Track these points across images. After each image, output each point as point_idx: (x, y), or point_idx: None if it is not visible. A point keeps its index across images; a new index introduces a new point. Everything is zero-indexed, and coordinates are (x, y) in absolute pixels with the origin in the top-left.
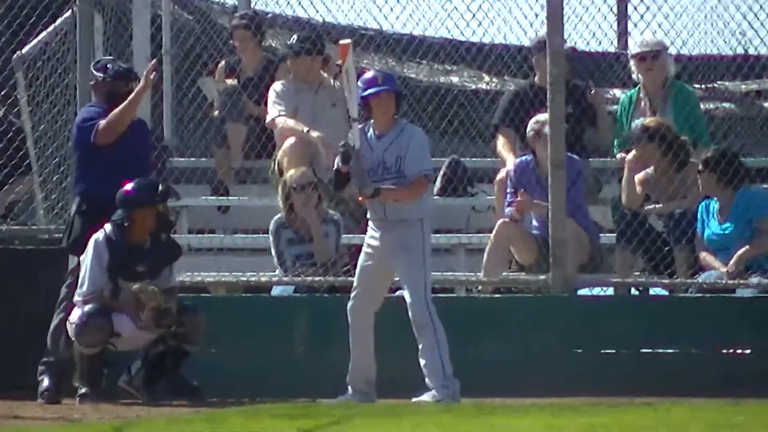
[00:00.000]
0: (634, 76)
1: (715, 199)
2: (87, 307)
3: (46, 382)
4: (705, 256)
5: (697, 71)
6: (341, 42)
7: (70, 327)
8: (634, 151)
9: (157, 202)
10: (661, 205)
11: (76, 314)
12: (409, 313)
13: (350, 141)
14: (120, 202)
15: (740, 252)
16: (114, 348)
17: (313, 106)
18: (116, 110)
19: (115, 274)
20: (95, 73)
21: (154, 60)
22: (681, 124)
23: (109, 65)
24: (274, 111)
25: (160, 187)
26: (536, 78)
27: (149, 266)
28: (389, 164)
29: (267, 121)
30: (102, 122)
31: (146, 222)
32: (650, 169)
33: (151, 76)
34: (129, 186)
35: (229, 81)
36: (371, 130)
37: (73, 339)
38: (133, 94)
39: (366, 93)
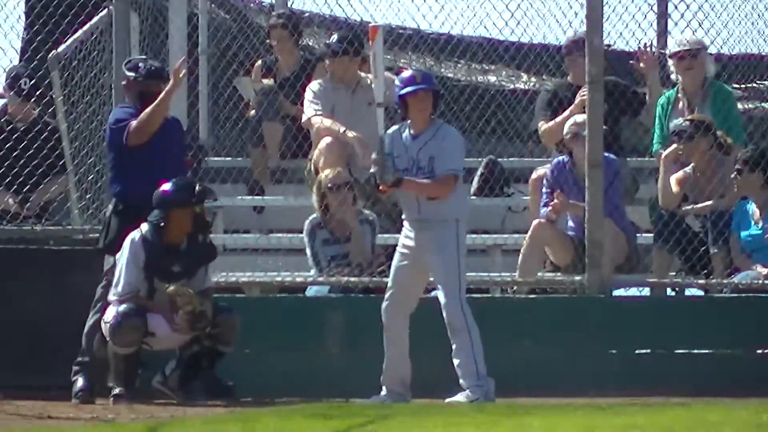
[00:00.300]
0: (672, 76)
1: (752, 200)
2: (122, 307)
3: (80, 382)
4: (740, 257)
5: (736, 71)
6: (371, 24)
7: (105, 327)
8: (671, 148)
9: (194, 203)
10: (699, 205)
11: (110, 314)
12: (444, 314)
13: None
14: (157, 202)
15: None
16: (149, 348)
17: (350, 105)
18: (147, 110)
19: (151, 274)
20: (127, 72)
21: (183, 57)
22: (719, 125)
23: (140, 64)
24: (310, 110)
25: (197, 188)
26: (569, 78)
27: (185, 267)
28: (423, 164)
29: (303, 120)
30: (133, 123)
31: (183, 222)
32: (688, 168)
33: (181, 74)
34: (166, 186)
35: (266, 80)
36: (407, 129)
37: (107, 339)
38: (163, 93)
39: (403, 91)
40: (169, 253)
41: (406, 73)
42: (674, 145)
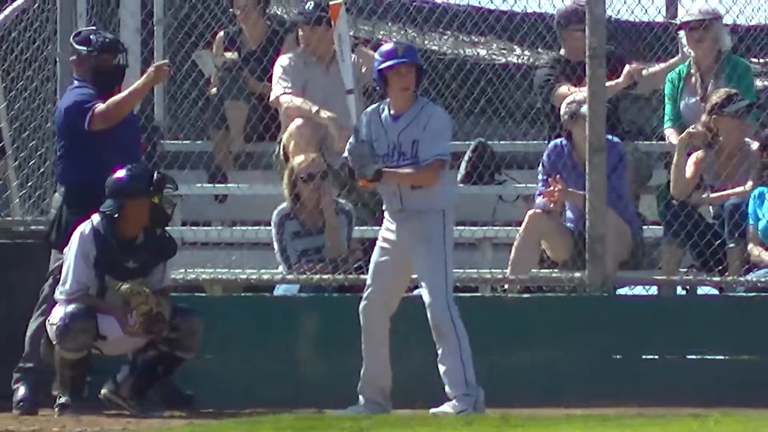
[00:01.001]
0: (684, 49)
1: None
2: (70, 307)
3: (22, 390)
4: (758, 251)
5: (755, 43)
6: (332, 2)
7: (51, 329)
8: (693, 127)
9: (152, 192)
10: (723, 192)
11: (57, 315)
12: (428, 315)
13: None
14: (110, 191)
15: None
16: (100, 352)
17: (324, 83)
18: (118, 97)
19: (103, 271)
20: (77, 46)
21: (166, 61)
22: None
23: (92, 36)
24: (279, 88)
25: (155, 176)
26: (561, 51)
27: (141, 263)
28: (405, 149)
29: (271, 99)
30: (100, 106)
31: (139, 214)
32: (700, 152)
33: (164, 74)
34: (121, 173)
35: (229, 54)
36: (387, 109)
37: (54, 342)
38: (140, 84)
39: (383, 66)
40: (123, 248)
41: (387, 46)
42: (704, 118)
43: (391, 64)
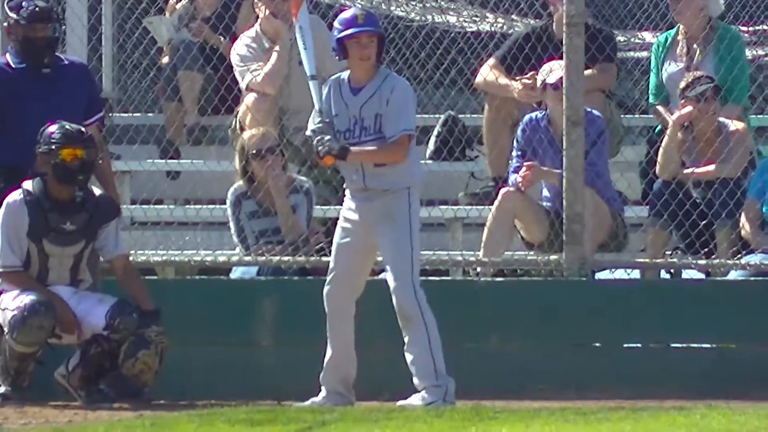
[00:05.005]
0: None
1: None
2: (29, 298)
3: None
4: (758, 233)
5: (744, 10)
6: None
7: (2, 315)
8: (686, 110)
9: (83, 144)
10: (702, 169)
11: (12, 302)
12: (393, 300)
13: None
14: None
15: None
16: (58, 342)
17: (287, 68)
18: None
19: (39, 236)
20: (9, 13)
21: None
22: (723, 74)
23: (24, 3)
24: (248, 76)
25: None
26: (554, 26)
27: (80, 226)
28: (367, 123)
29: (244, 90)
30: None
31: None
32: (679, 133)
33: None
34: (52, 128)
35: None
36: (347, 81)
37: (5, 330)
38: None
39: (342, 35)
40: (57, 209)
41: (347, 13)
42: (689, 108)
43: (350, 33)
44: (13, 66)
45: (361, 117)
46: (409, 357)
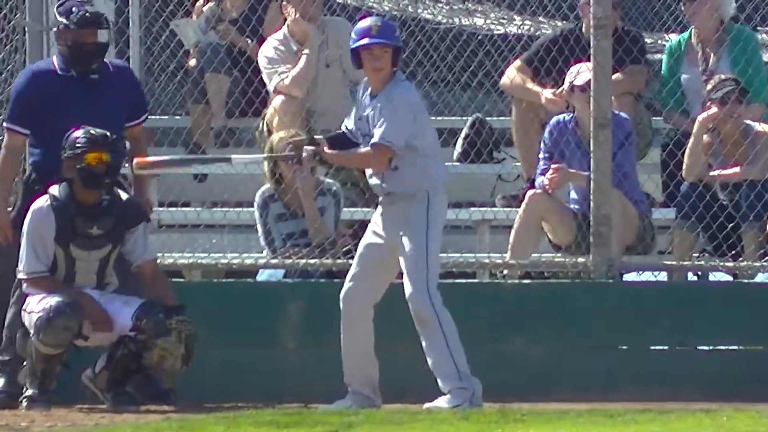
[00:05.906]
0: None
1: None
2: (55, 300)
3: (0, 383)
4: None
5: (755, 13)
6: None
7: (29, 317)
8: (710, 111)
9: (108, 147)
10: (729, 171)
11: (38, 305)
12: (409, 304)
13: None
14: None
15: None
16: (84, 342)
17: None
18: None
19: (67, 241)
20: (59, 18)
21: None
22: (740, 77)
23: (74, 9)
24: (275, 79)
25: (109, 136)
26: (584, 28)
27: (107, 230)
28: (368, 130)
29: (271, 92)
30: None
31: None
32: (706, 136)
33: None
34: (77, 132)
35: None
36: (369, 88)
37: (30, 332)
38: None
39: (356, 45)
40: (84, 213)
41: (363, 23)
42: (714, 110)
43: (363, 44)
44: (59, 72)
45: (368, 122)
46: (429, 360)
